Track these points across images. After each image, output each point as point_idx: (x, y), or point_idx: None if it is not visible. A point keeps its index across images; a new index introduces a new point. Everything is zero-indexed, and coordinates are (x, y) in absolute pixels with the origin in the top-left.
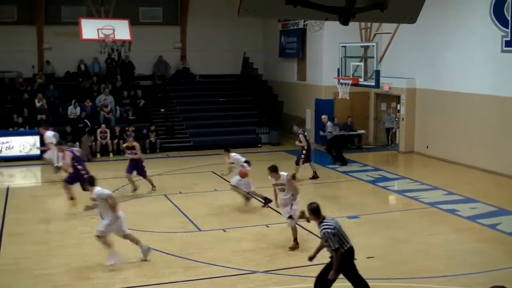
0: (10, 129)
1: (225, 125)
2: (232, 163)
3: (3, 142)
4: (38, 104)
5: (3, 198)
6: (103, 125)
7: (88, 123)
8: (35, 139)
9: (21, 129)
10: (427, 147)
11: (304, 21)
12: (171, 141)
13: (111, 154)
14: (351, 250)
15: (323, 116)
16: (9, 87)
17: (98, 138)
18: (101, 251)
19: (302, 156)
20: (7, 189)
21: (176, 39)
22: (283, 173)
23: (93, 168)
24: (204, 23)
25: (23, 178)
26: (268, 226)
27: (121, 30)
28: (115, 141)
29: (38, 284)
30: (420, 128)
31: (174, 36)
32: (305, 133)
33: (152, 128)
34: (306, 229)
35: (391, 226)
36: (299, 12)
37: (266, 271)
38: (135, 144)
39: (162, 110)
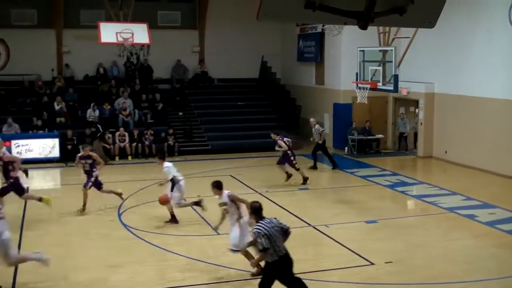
0: (30, 131)
1: (243, 129)
2: (165, 172)
3: (23, 145)
4: (57, 107)
5: (23, 200)
6: (121, 128)
7: (100, 128)
8: (54, 142)
9: (41, 132)
10: (446, 152)
11: (323, 25)
12: (189, 144)
13: (129, 157)
14: (287, 258)
15: (311, 120)
16: (29, 90)
17: (117, 141)
18: (119, 253)
19: (293, 159)
20: (27, 190)
21: (195, 43)
22: (226, 191)
23: (111, 171)
24: (222, 27)
25: (42, 180)
26: None
27: (139, 33)
28: (134, 144)
29: (57, 285)
30: (439, 133)
31: (193, 40)
32: (284, 139)
33: (170, 131)
34: None
35: (410, 231)
36: (318, 17)
37: None
38: (92, 154)
39: (180, 113)
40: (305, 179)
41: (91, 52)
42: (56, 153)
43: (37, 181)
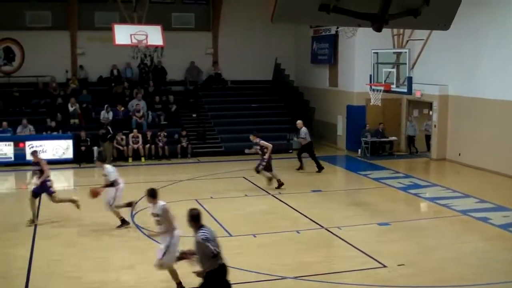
0: (44, 133)
1: (256, 131)
2: (105, 175)
3: (37, 146)
4: (71, 109)
5: (36, 201)
6: (135, 130)
7: (110, 130)
8: (68, 143)
9: (55, 133)
10: (459, 154)
11: (336, 27)
12: (203, 146)
13: (142, 159)
14: (224, 268)
15: (298, 122)
16: (43, 91)
17: (130, 142)
18: (131, 254)
19: (264, 163)
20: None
21: (208, 44)
22: (161, 202)
23: (125, 173)
24: (236, 29)
25: (56, 182)
26: (299, 232)
27: (153, 35)
28: (147, 146)
29: (70, 286)
30: (453, 135)
31: (206, 41)
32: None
33: (184, 133)
34: None
35: (422, 234)
36: (332, 19)
37: (296, 277)
38: (40, 159)
39: (194, 115)
40: (269, 181)
41: (105, 53)
42: (70, 154)
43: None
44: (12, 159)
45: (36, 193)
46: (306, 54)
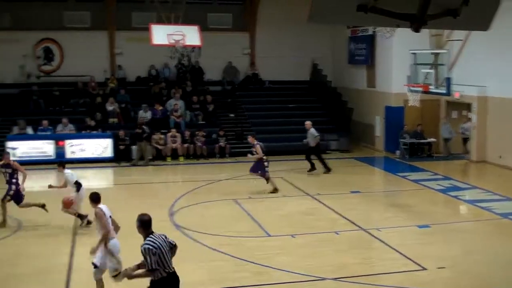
0: (83, 131)
1: (293, 131)
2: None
3: (76, 144)
4: (110, 108)
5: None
6: (173, 130)
7: (146, 129)
8: (107, 142)
9: (94, 132)
10: (500, 157)
11: (374, 28)
12: (240, 146)
13: (181, 158)
14: (174, 276)
15: (306, 122)
16: (82, 91)
17: (169, 142)
18: None
19: (267, 168)
20: (82, 189)
21: (245, 45)
22: (101, 206)
23: (163, 172)
24: (273, 29)
25: (95, 180)
26: (338, 233)
27: (191, 35)
28: (185, 145)
29: (108, 284)
30: (492, 137)
31: (243, 42)
32: (262, 144)
33: (222, 133)
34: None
35: (462, 237)
36: (370, 19)
37: (334, 278)
38: (13, 162)
39: (232, 115)
40: (275, 190)
41: (142, 53)
42: (109, 153)
43: (90, 181)
44: (53, 157)
45: (11, 199)
46: (343, 55)
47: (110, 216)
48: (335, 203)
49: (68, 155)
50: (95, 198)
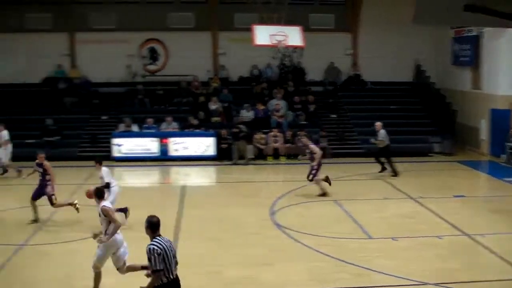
0: (186, 130)
1: (395, 133)
2: (101, 177)
3: (179, 142)
4: (212, 107)
5: (181, 196)
6: (274, 129)
7: (243, 129)
8: (210, 141)
9: (197, 131)
10: None
11: (481, 28)
12: (342, 147)
13: (283, 158)
14: (176, 283)
15: (377, 123)
16: (186, 90)
17: (270, 141)
18: (270, 251)
19: (314, 171)
20: (184, 187)
21: (347, 45)
22: (104, 202)
23: (264, 171)
24: (376, 30)
25: (198, 177)
26: (440, 238)
27: (293, 36)
28: (287, 145)
29: (209, 280)
30: None
31: (345, 42)
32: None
33: (323, 133)
34: None
35: None
36: (477, 20)
37: (436, 284)
38: (45, 162)
39: (334, 116)
40: (323, 194)
41: (245, 54)
42: (211, 151)
43: (193, 178)
44: (157, 154)
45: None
46: (447, 55)
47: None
48: (438, 207)
49: (172, 152)
50: (100, 194)
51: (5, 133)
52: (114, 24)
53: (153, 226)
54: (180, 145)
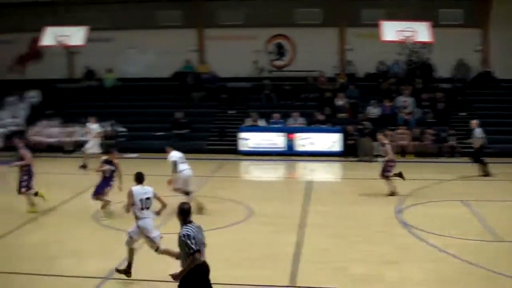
0: (313, 125)
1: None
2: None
3: (305, 138)
4: (339, 103)
5: (306, 191)
6: (401, 127)
7: (368, 125)
8: (337, 136)
9: (323, 126)
10: None
11: None
12: (471, 146)
13: (410, 156)
14: (201, 267)
15: (472, 121)
16: (312, 85)
17: (397, 139)
18: (396, 250)
19: (389, 168)
20: (309, 182)
21: (477, 41)
22: (148, 188)
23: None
24: (506, 25)
25: (323, 173)
26: None
27: (421, 32)
28: (415, 143)
29: (335, 275)
30: None
31: (475, 38)
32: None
33: (451, 132)
34: None
35: None
36: None
37: None
38: (115, 160)
39: (463, 114)
40: (392, 193)
41: (371, 49)
42: (337, 147)
43: (318, 174)
44: (284, 149)
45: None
46: None
47: (149, 198)
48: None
49: (298, 147)
50: (137, 178)
51: (95, 126)
52: (241, 20)
53: (184, 212)
54: (307, 141)
